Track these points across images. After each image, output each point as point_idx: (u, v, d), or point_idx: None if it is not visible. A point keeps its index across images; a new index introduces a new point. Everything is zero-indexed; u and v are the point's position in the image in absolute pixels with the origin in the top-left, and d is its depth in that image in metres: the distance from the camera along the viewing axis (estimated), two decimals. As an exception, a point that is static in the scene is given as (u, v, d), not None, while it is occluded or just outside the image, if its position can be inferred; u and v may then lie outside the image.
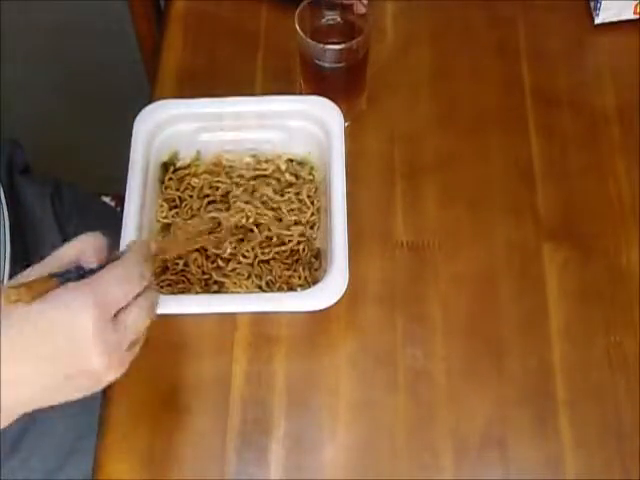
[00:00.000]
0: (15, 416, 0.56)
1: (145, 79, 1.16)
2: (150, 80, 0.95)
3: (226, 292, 0.77)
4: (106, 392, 0.75)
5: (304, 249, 0.79)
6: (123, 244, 0.73)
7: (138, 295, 0.58)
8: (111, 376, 0.56)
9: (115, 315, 0.56)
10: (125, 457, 0.73)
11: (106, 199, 1.02)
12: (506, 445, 0.72)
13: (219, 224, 0.79)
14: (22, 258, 0.85)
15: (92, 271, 0.57)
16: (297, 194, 0.82)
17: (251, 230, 0.79)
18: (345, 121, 0.80)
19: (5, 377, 0.53)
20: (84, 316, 0.54)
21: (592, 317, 0.77)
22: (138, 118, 0.81)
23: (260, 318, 0.78)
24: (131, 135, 0.80)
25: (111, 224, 0.77)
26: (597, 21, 0.93)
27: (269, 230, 0.80)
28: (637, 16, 0.92)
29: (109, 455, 0.72)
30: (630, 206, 0.83)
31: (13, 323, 0.53)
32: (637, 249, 0.80)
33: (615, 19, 0.93)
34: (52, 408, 0.57)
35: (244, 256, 0.78)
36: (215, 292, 0.77)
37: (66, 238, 0.91)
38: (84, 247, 0.58)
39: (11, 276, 0.83)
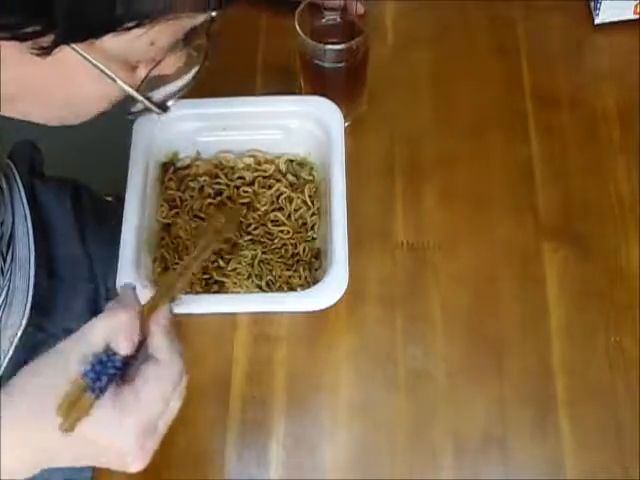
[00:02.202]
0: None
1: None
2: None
3: (226, 292, 0.77)
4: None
5: (304, 249, 0.80)
6: (123, 244, 0.73)
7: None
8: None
9: None
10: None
11: (109, 199, 1.02)
12: (506, 445, 0.72)
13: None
14: (45, 260, 0.85)
15: (124, 363, 0.55)
16: (298, 194, 0.82)
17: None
18: (345, 121, 0.80)
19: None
20: (130, 442, 0.55)
21: (592, 317, 0.77)
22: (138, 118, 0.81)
23: (260, 318, 0.78)
24: (131, 135, 0.80)
25: (118, 224, 0.77)
26: (597, 21, 0.93)
27: (269, 233, 0.80)
28: (637, 16, 0.92)
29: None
30: (630, 206, 0.83)
31: None
32: (637, 249, 0.80)
33: (615, 19, 0.93)
34: None
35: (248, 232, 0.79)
36: (215, 292, 0.77)
37: (85, 240, 0.91)
38: (116, 326, 0.56)
39: (36, 282, 0.83)
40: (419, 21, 0.96)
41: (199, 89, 0.88)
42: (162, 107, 0.60)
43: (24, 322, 0.80)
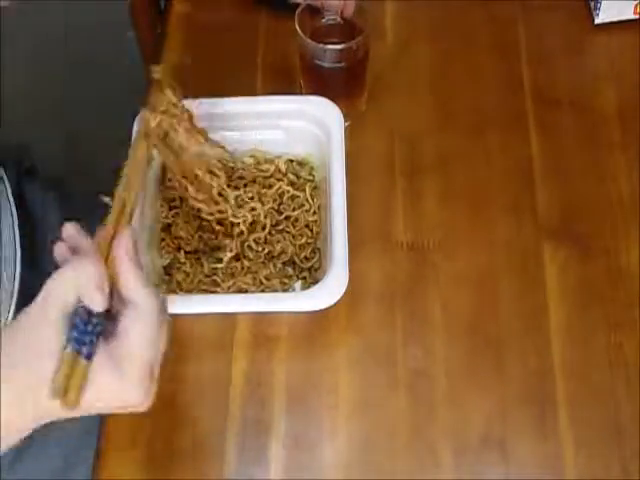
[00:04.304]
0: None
1: (145, 80, 1.16)
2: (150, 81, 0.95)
3: (223, 287, 0.77)
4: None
5: (308, 248, 0.80)
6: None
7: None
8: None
9: None
10: (126, 457, 0.73)
11: (106, 199, 1.01)
12: (506, 445, 0.72)
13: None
14: (31, 259, 0.85)
15: (102, 318, 0.54)
16: (300, 192, 0.82)
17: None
18: (345, 121, 0.80)
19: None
20: (136, 395, 0.54)
21: (592, 317, 0.77)
22: (138, 118, 0.81)
23: (260, 318, 0.78)
24: (131, 135, 0.80)
25: None
26: (597, 21, 0.93)
27: (270, 233, 0.80)
28: (637, 16, 0.92)
29: (110, 455, 0.73)
30: (630, 206, 0.83)
31: None
32: (637, 249, 0.80)
33: (615, 19, 0.93)
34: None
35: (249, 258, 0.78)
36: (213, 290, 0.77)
37: None
38: (80, 280, 0.53)
39: (21, 277, 0.82)
40: (419, 21, 0.96)
41: (199, 89, 0.89)
42: None
43: (9, 318, 0.80)
